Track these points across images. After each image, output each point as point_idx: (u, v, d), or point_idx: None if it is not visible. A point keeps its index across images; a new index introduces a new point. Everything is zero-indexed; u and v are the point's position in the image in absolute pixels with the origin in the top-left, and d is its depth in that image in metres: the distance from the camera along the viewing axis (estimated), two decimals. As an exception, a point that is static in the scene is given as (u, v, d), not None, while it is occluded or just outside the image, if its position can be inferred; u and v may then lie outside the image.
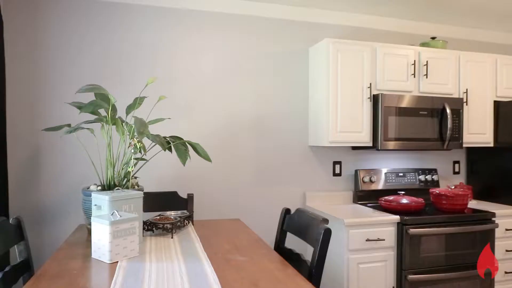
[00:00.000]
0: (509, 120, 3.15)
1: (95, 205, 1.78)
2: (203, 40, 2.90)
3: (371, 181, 3.11)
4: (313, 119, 3.02)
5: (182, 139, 2.20)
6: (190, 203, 2.53)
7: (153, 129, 2.78)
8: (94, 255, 1.64)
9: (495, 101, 3.26)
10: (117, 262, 1.58)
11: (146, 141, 2.69)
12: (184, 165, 2.11)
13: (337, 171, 3.18)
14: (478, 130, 3.19)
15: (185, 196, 2.78)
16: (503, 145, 3.20)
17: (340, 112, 2.81)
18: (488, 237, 2.79)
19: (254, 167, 3.01)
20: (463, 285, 2.72)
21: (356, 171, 3.13)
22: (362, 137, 2.86)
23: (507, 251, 2.89)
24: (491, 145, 3.25)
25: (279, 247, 2.03)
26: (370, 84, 2.87)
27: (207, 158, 2.17)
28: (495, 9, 3.12)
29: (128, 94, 2.74)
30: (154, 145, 2.28)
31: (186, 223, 2.22)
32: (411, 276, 2.56)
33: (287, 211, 2.06)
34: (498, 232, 2.86)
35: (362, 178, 3.10)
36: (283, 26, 3.08)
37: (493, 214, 2.81)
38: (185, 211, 2.37)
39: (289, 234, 2.61)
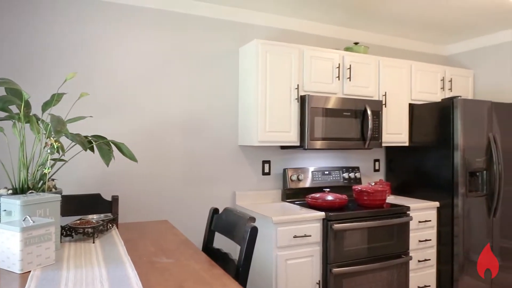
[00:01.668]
0: (422, 122, 3.43)
1: (4, 210, 1.63)
2: (131, 36, 2.79)
3: (298, 180, 3.21)
4: (243, 119, 3.05)
5: (105, 138, 2.10)
6: (115, 205, 2.42)
7: (73, 128, 2.62)
8: (2, 265, 1.50)
9: (410, 104, 3.53)
10: (30, 271, 1.46)
11: (66, 141, 2.52)
12: (107, 166, 2.01)
13: (266, 170, 3.24)
14: (395, 131, 3.43)
15: (109, 199, 2.65)
16: (417, 144, 3.48)
17: (269, 112, 2.86)
18: (404, 229, 3.02)
19: (184, 167, 2.96)
20: (383, 274, 2.91)
21: (284, 170, 3.22)
22: (290, 136, 2.94)
23: (420, 241, 3.15)
24: (407, 144, 3.52)
25: (207, 247, 2.02)
26: (298, 85, 2.96)
27: (133, 158, 2.09)
28: (411, 20, 3.38)
29: (47, 91, 2.55)
30: (74, 145, 2.15)
31: (110, 227, 2.12)
32: (335, 269, 2.68)
33: (215, 210, 2.05)
34: (412, 224, 3.10)
35: (290, 176, 3.19)
36: (214, 25, 3.07)
37: (408, 208, 3.05)
38: (109, 214, 2.26)
39: (218, 234, 2.60)
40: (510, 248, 3.42)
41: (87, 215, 2.25)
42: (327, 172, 3.37)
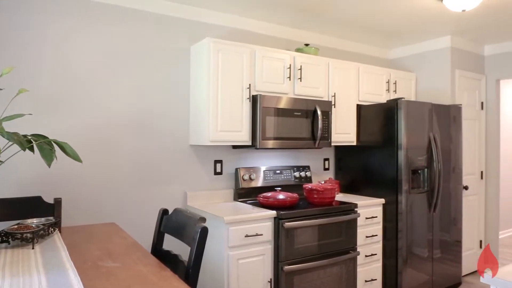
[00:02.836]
0: (369, 122, 3.57)
1: None
2: (79, 30, 2.66)
3: (250, 179, 3.22)
4: (194, 118, 3.01)
5: (47, 137, 1.98)
6: (58, 208, 2.30)
7: (10, 127, 2.45)
8: None
9: (357, 105, 3.66)
10: (-41, 281, 1.35)
11: (2, 140, 2.36)
12: (49, 167, 1.89)
13: (218, 169, 3.22)
14: (344, 131, 3.54)
15: (51, 201, 2.51)
16: (364, 144, 3.61)
17: (221, 111, 2.85)
18: (352, 226, 3.12)
19: (133, 167, 2.87)
20: (332, 270, 2.99)
21: (236, 169, 3.21)
22: (241, 136, 2.94)
23: (367, 237, 3.27)
24: (355, 144, 3.64)
25: (156, 249, 1.97)
26: (250, 85, 2.97)
27: (77, 158, 1.99)
28: (358, 24, 3.50)
29: (-21, 85, 2.37)
30: (12, 144, 2.01)
31: (52, 231, 2.00)
32: (287, 267, 2.72)
33: (164, 211, 2.00)
34: (360, 221, 3.22)
35: (242, 176, 3.19)
36: (166, 22, 3.00)
37: (356, 205, 3.16)
38: (50, 218, 2.14)
39: (169, 236, 2.55)
40: (449, 240, 3.65)
41: (26, 220, 2.11)
42: (278, 171, 3.41)
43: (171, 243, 2.66)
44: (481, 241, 4.29)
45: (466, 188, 4.03)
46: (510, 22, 3.46)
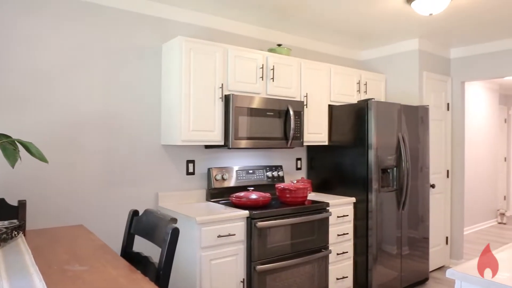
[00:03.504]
0: (340, 122, 3.63)
1: None
2: (43, 26, 2.57)
3: (223, 179, 3.21)
4: (166, 117, 2.97)
5: (10, 137, 1.90)
6: (22, 211, 2.21)
7: (-28, 126, 2.34)
8: None
9: (329, 105, 3.71)
10: None
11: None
12: (13, 167, 1.82)
13: (191, 170, 3.19)
14: (316, 130, 3.58)
15: (15, 204, 2.41)
16: (335, 143, 3.67)
17: (193, 111, 2.82)
18: (324, 225, 3.16)
19: (103, 168, 2.80)
20: (305, 269, 3.02)
21: (209, 169, 3.19)
22: (214, 136, 2.92)
23: (338, 235, 3.32)
24: (326, 143, 3.69)
25: (126, 251, 1.93)
26: (222, 84, 2.96)
27: (43, 159, 1.92)
28: (330, 25, 3.54)
29: None
30: (-28, 144, 1.92)
31: (15, 234, 1.93)
32: (259, 267, 2.72)
33: (134, 212, 1.97)
34: (332, 219, 3.26)
35: (215, 176, 3.18)
36: (137, 20, 2.94)
37: (328, 204, 3.20)
38: (14, 221, 2.06)
39: (140, 238, 2.50)
40: (416, 237, 3.75)
41: (-12, 223, 2.02)
42: (251, 171, 3.41)
43: (142, 245, 2.62)
44: (447, 238, 4.44)
45: (433, 186, 4.16)
46: (474, 27, 3.60)
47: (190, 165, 3.18)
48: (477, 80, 4.42)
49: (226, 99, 2.96)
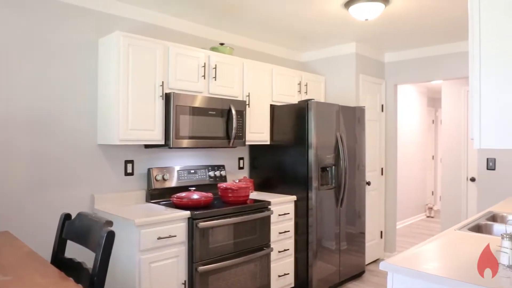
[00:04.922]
0: (281, 122, 3.69)
1: None
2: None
3: (164, 179, 3.13)
4: (103, 115, 2.83)
5: None
6: None
7: None
8: None
9: (271, 105, 3.76)
10: None
11: None
12: None
13: (129, 170, 3.07)
14: (258, 130, 3.61)
15: None
16: (277, 143, 3.73)
17: (131, 109, 2.72)
18: (265, 223, 3.20)
19: (30, 169, 2.60)
20: (248, 267, 3.03)
21: (149, 169, 3.10)
22: (154, 135, 2.84)
23: (280, 233, 3.37)
24: (268, 143, 3.74)
25: (57, 258, 1.81)
26: (163, 82, 2.89)
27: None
28: (272, 26, 3.59)
29: None
30: None
31: None
32: (201, 268, 2.69)
33: (66, 216, 1.85)
34: (273, 218, 3.31)
35: (155, 176, 3.09)
36: (70, 12, 2.77)
37: (269, 203, 3.24)
38: None
39: (72, 243, 2.37)
40: (354, 233, 3.92)
41: None
42: (193, 171, 3.37)
43: (75, 251, 2.48)
44: (381, 232, 4.69)
45: (368, 183, 4.37)
46: (406, 33, 3.83)
47: (129, 165, 3.07)
48: (408, 83, 4.71)
49: (167, 98, 2.89)
